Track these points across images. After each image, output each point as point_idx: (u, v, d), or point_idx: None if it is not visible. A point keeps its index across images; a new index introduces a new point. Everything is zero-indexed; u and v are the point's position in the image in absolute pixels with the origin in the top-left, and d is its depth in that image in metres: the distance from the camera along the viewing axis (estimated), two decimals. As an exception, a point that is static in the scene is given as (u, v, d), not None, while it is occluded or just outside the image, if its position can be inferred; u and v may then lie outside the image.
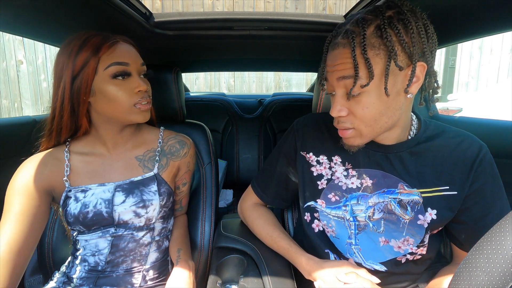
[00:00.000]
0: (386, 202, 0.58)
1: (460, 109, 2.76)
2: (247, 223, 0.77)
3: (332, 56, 0.50)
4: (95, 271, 0.66)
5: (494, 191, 0.54)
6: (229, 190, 1.82)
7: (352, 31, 0.47)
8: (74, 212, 0.62)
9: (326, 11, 3.98)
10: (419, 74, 0.48)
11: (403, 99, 0.51)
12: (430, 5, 0.64)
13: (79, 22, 0.74)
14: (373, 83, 0.47)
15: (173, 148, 0.74)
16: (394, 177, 0.57)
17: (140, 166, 0.69)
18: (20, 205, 0.58)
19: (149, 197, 0.66)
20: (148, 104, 0.64)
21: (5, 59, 4.18)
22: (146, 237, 0.69)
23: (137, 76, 0.62)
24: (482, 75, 4.75)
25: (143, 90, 0.62)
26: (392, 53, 0.45)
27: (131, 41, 0.65)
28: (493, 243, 0.28)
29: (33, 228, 0.59)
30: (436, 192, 0.55)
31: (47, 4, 0.61)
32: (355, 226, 0.60)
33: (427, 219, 0.55)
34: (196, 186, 0.92)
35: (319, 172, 0.65)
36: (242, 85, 4.84)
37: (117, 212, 0.63)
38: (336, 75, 0.50)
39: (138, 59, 0.63)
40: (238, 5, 3.94)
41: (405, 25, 0.46)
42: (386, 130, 0.54)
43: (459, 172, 0.55)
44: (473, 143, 0.57)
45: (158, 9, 3.77)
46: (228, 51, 1.24)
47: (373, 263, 0.60)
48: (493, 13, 0.66)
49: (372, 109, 0.49)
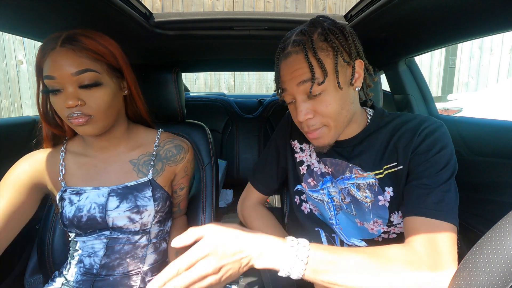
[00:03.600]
0: (347, 188, 0.63)
1: (460, 109, 2.76)
2: (247, 223, 0.77)
3: (286, 65, 0.55)
4: (91, 274, 0.65)
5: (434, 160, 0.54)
6: (229, 190, 1.82)
7: (300, 39, 0.53)
8: (68, 216, 0.61)
9: (326, 11, 3.98)
10: (359, 70, 0.57)
11: (353, 93, 0.58)
12: (430, 5, 0.64)
13: (79, 22, 0.74)
14: (328, 80, 0.53)
15: (170, 152, 0.72)
16: (349, 163, 0.63)
17: (134, 171, 0.67)
18: (5, 199, 0.59)
19: (144, 203, 0.64)
20: (82, 118, 0.56)
21: (5, 59, 4.18)
22: (142, 240, 0.67)
23: (72, 87, 0.54)
24: (482, 75, 4.75)
25: (71, 106, 0.54)
26: (339, 52, 0.53)
27: (78, 41, 0.55)
28: (493, 243, 0.28)
29: (12, 222, 0.59)
30: (387, 170, 0.59)
31: (47, 4, 0.61)
32: (333, 208, 0.66)
33: (386, 198, 0.59)
34: (196, 186, 0.92)
35: (301, 159, 0.72)
36: (242, 85, 4.84)
37: (111, 217, 0.62)
38: (295, 82, 0.54)
39: (69, 68, 0.54)
40: (238, 5, 3.94)
41: (341, 30, 0.54)
42: (347, 125, 0.60)
43: (402, 147, 0.58)
44: (418, 119, 0.59)
45: (158, 9, 3.77)
46: (228, 51, 1.24)
47: (355, 240, 0.64)
48: (493, 13, 0.66)
49: (334, 104, 0.55)
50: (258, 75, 4.81)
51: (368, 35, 0.90)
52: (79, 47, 0.55)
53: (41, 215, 0.83)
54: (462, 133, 1.05)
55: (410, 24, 0.78)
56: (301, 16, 0.89)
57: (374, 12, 0.71)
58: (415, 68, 1.28)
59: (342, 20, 0.89)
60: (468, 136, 1.03)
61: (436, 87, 4.87)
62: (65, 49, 0.54)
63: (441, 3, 0.63)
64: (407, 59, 1.26)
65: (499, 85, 2.80)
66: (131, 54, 1.19)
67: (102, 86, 0.57)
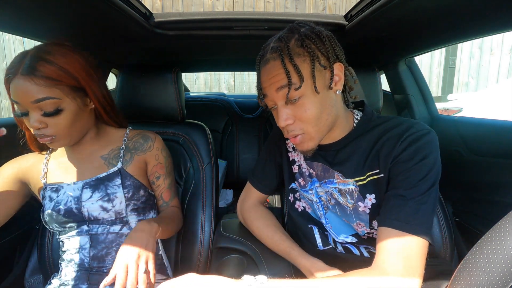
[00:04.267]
0: (330, 191, 0.64)
1: (460, 109, 2.76)
2: (247, 223, 0.77)
3: (265, 72, 0.57)
4: (84, 269, 0.68)
5: (414, 169, 0.53)
6: (229, 190, 1.82)
7: (278, 46, 0.55)
8: (48, 211, 0.67)
9: (326, 11, 3.98)
10: (338, 73, 0.57)
11: (334, 96, 0.58)
12: (430, 5, 0.64)
13: (79, 22, 0.74)
14: (305, 85, 0.53)
15: (137, 143, 0.77)
16: (331, 168, 0.63)
17: (105, 164, 0.72)
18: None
19: (113, 191, 0.69)
20: (47, 138, 0.61)
21: (5, 59, 4.18)
22: (123, 230, 0.71)
23: (35, 112, 0.58)
24: (482, 75, 4.76)
25: (35, 128, 0.59)
26: (315, 57, 0.53)
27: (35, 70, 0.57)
28: (493, 243, 0.28)
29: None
30: (370, 176, 0.58)
31: (47, 4, 0.61)
32: (322, 207, 0.67)
33: (367, 205, 0.59)
34: (196, 186, 0.92)
35: (293, 158, 0.73)
36: (242, 85, 4.84)
37: (85, 208, 0.67)
38: (274, 87, 0.55)
39: (28, 97, 0.57)
40: (238, 5, 3.94)
41: (317, 35, 0.55)
42: (329, 130, 0.60)
43: (384, 154, 0.57)
44: (405, 125, 0.57)
45: (158, 9, 3.78)
46: (228, 51, 1.24)
47: (346, 236, 0.65)
48: (493, 13, 0.66)
49: (313, 109, 0.55)
50: (258, 75, 4.80)
51: (368, 35, 0.90)
52: (38, 76, 0.57)
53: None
54: (462, 133, 1.05)
55: (410, 24, 0.78)
56: (301, 16, 0.89)
57: (374, 12, 0.71)
58: (415, 68, 1.28)
59: (342, 20, 0.89)
60: (468, 136, 1.03)
61: (436, 87, 4.88)
62: (23, 78, 0.56)
63: (441, 3, 0.63)
64: (407, 59, 1.26)
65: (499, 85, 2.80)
66: (131, 54, 1.19)
67: (63, 111, 0.61)
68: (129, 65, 0.97)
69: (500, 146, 0.91)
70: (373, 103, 1.01)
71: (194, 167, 0.93)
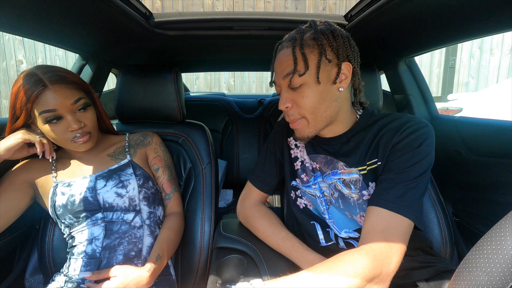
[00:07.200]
0: (334, 183, 0.66)
1: (460, 109, 2.76)
2: (249, 222, 0.76)
3: (278, 59, 0.61)
4: (94, 258, 0.69)
5: (408, 155, 0.56)
6: (229, 190, 1.82)
7: (294, 36, 0.59)
8: (62, 203, 0.70)
9: (326, 11, 3.99)
10: (346, 72, 0.59)
11: (337, 92, 0.60)
12: (430, 5, 0.64)
13: (79, 22, 0.74)
14: (309, 74, 0.57)
15: (138, 140, 0.86)
16: (335, 159, 0.66)
17: (112, 160, 0.79)
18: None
19: (126, 178, 0.75)
20: (85, 137, 0.70)
21: (5, 59, 4.19)
22: (136, 220, 0.74)
23: (70, 115, 0.67)
24: (482, 75, 4.76)
25: (76, 129, 0.68)
26: (323, 50, 0.57)
27: (64, 78, 0.67)
28: (493, 243, 0.28)
29: (3, 212, 0.67)
30: (369, 166, 0.62)
31: (47, 4, 0.61)
32: (325, 202, 0.69)
33: (370, 192, 0.61)
34: (196, 186, 0.92)
35: (296, 155, 0.75)
36: (242, 85, 4.84)
37: (101, 195, 0.71)
38: (281, 75, 0.60)
39: (67, 100, 0.66)
40: (238, 5, 3.94)
41: (332, 33, 0.59)
42: (329, 122, 0.63)
43: (383, 143, 0.60)
44: (404, 118, 0.61)
45: (158, 9, 3.77)
46: (228, 51, 1.24)
47: (348, 232, 0.66)
48: (493, 13, 0.66)
49: (311, 97, 0.58)
50: (258, 75, 4.81)
51: (368, 35, 0.90)
52: (67, 82, 0.67)
53: (41, 215, 0.83)
54: (462, 133, 1.05)
55: (410, 24, 0.78)
56: (301, 16, 0.89)
57: (374, 12, 0.71)
58: (415, 68, 1.28)
59: (342, 20, 0.89)
60: (468, 136, 1.03)
61: (436, 87, 4.88)
62: (57, 86, 0.65)
63: (441, 3, 0.63)
64: (407, 59, 1.26)
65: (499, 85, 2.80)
66: (131, 54, 1.19)
67: (90, 107, 0.72)
68: (129, 65, 0.97)
69: (500, 146, 0.91)
70: (373, 103, 1.01)
71: (194, 167, 0.93)
